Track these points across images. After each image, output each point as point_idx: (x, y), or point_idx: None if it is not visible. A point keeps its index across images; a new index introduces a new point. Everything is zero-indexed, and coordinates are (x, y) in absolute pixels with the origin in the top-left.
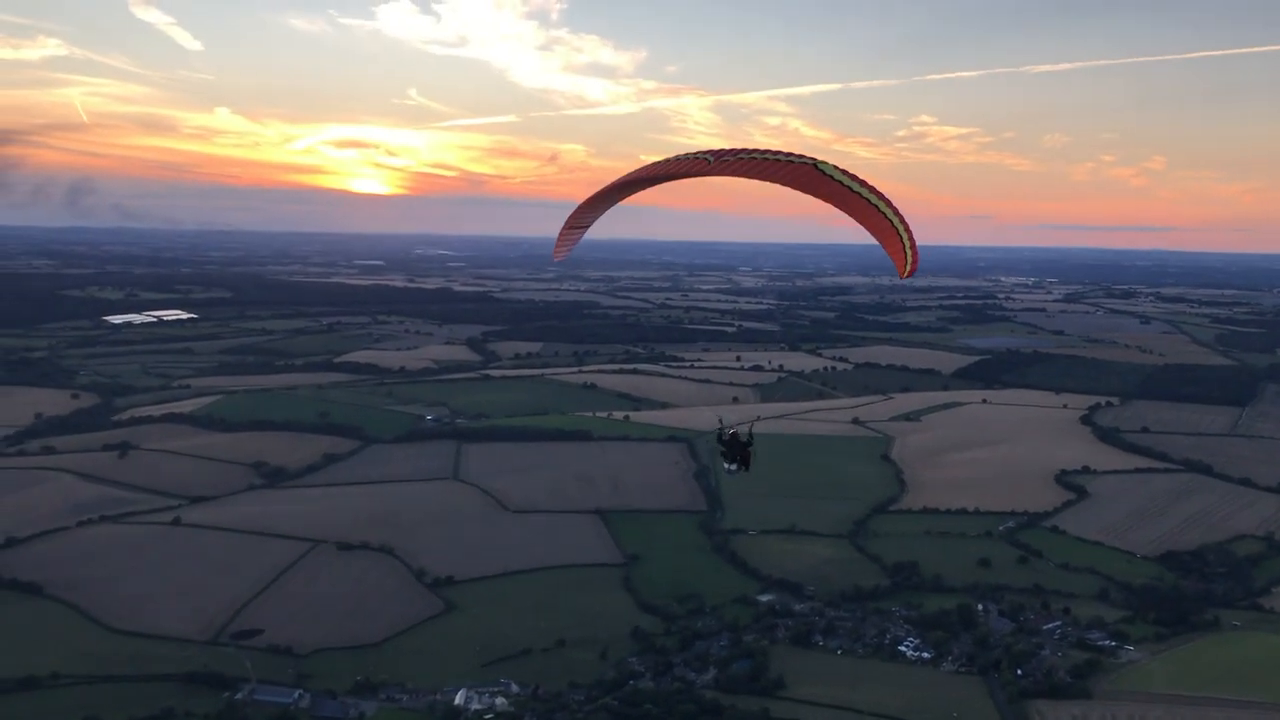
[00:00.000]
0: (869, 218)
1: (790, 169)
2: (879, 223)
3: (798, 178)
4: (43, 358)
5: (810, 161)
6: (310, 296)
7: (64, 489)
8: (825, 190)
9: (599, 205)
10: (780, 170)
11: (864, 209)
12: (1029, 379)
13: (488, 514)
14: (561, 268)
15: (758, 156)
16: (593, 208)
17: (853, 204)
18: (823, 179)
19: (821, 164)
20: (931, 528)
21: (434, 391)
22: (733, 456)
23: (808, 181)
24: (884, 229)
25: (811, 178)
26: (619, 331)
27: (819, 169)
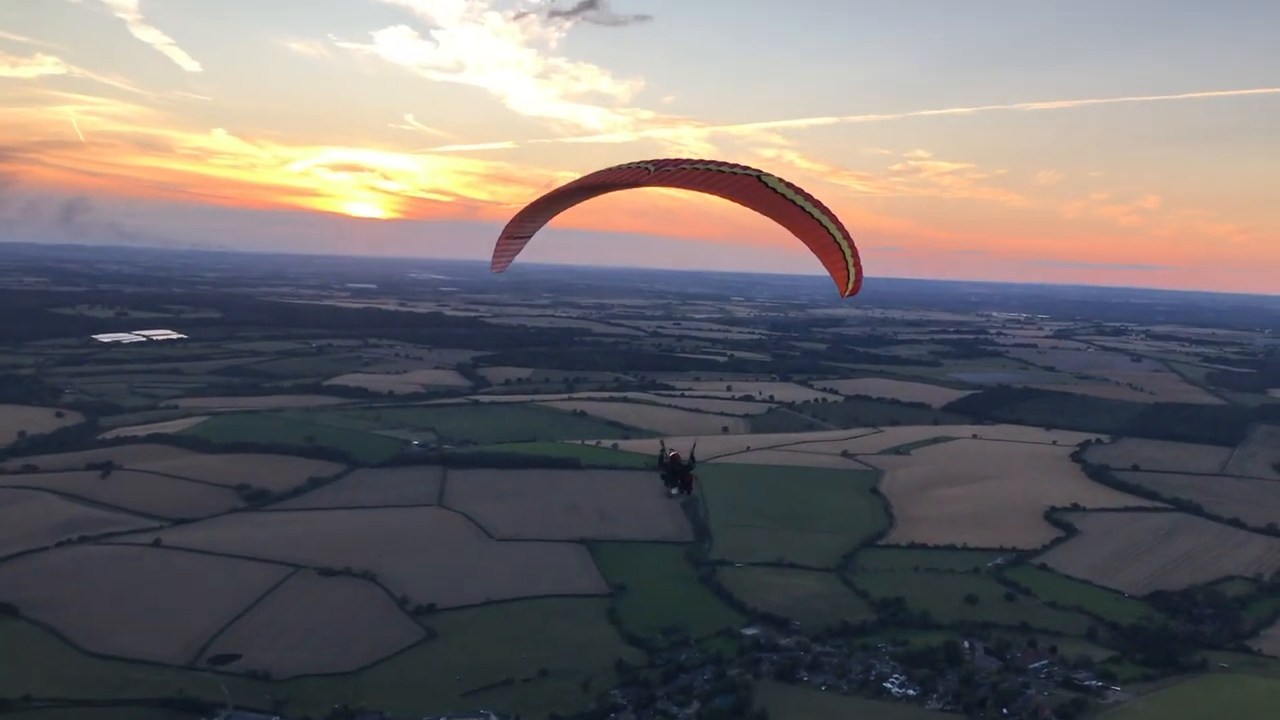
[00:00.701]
0: (812, 233)
1: (733, 180)
2: (821, 238)
3: (740, 190)
4: (29, 375)
5: (754, 173)
6: (301, 318)
7: (44, 508)
8: (768, 204)
9: (538, 215)
10: (722, 182)
11: (807, 224)
12: (1019, 415)
13: (472, 541)
14: (554, 294)
15: (700, 167)
16: (532, 217)
17: (795, 219)
18: (766, 191)
19: (765, 176)
20: (919, 563)
21: (422, 416)
22: (674, 480)
23: (750, 194)
24: (826, 245)
25: (754, 190)
26: (610, 359)
27: (762, 181)
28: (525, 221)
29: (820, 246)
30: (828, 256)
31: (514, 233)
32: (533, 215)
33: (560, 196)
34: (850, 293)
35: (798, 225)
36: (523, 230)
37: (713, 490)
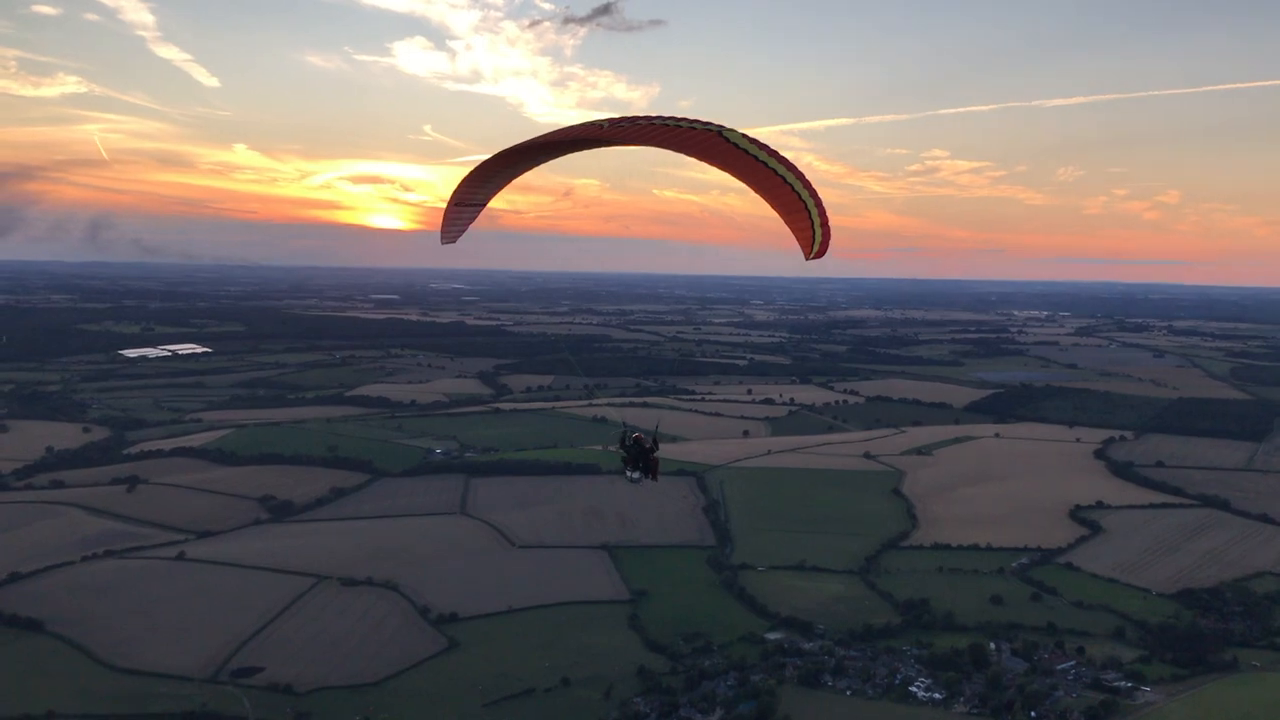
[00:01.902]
0: (775, 190)
1: (693, 135)
2: (785, 196)
3: (702, 146)
4: (56, 391)
5: (715, 128)
6: (324, 330)
7: (71, 523)
8: (731, 160)
9: (490, 180)
10: (682, 137)
11: (770, 180)
12: (1042, 413)
13: (494, 549)
14: (575, 301)
15: (658, 122)
16: (482, 182)
17: (758, 175)
18: (727, 147)
19: (726, 131)
20: (943, 564)
21: (444, 425)
22: (635, 463)
23: (712, 150)
24: (792, 204)
25: (716, 146)
26: (630, 365)
27: (723, 136)
28: (475, 187)
29: (784, 205)
30: (792, 216)
31: (464, 199)
32: (483, 180)
33: (512, 158)
34: (816, 254)
35: (761, 182)
36: (474, 197)
37: (734, 494)
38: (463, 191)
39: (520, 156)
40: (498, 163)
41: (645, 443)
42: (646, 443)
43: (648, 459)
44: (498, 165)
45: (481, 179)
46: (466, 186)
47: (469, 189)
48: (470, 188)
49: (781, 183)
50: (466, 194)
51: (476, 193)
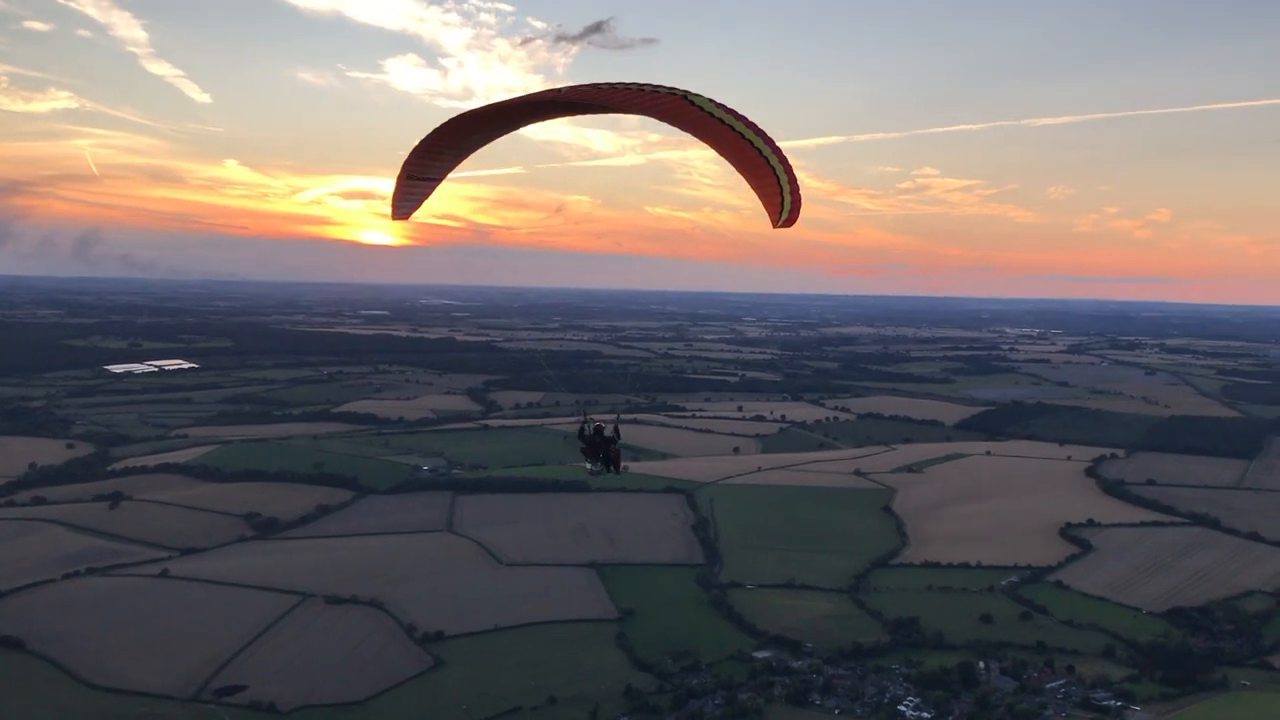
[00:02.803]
0: (741, 154)
1: (656, 99)
2: (752, 160)
3: (667, 110)
4: (40, 407)
5: (680, 93)
6: (312, 346)
7: (52, 540)
8: (699, 125)
9: (444, 150)
10: (645, 101)
11: (736, 144)
12: (1033, 430)
13: (480, 567)
14: (566, 317)
15: (620, 87)
16: (436, 153)
17: (725, 139)
18: (693, 110)
19: (691, 95)
20: (933, 582)
21: (432, 442)
22: (595, 454)
23: (679, 115)
24: (759, 169)
25: (682, 110)
26: (621, 381)
27: (689, 100)
28: (427, 160)
29: (752, 170)
30: (760, 181)
31: (415, 172)
32: (436, 152)
33: (466, 127)
34: (785, 223)
35: (727, 146)
36: (426, 170)
37: (724, 511)
38: (413, 164)
39: (476, 124)
40: (451, 132)
41: (606, 431)
42: (607, 431)
43: (608, 450)
44: (451, 135)
45: (434, 150)
46: (417, 158)
47: (420, 161)
48: (421, 160)
49: (748, 146)
50: (417, 166)
51: (429, 165)
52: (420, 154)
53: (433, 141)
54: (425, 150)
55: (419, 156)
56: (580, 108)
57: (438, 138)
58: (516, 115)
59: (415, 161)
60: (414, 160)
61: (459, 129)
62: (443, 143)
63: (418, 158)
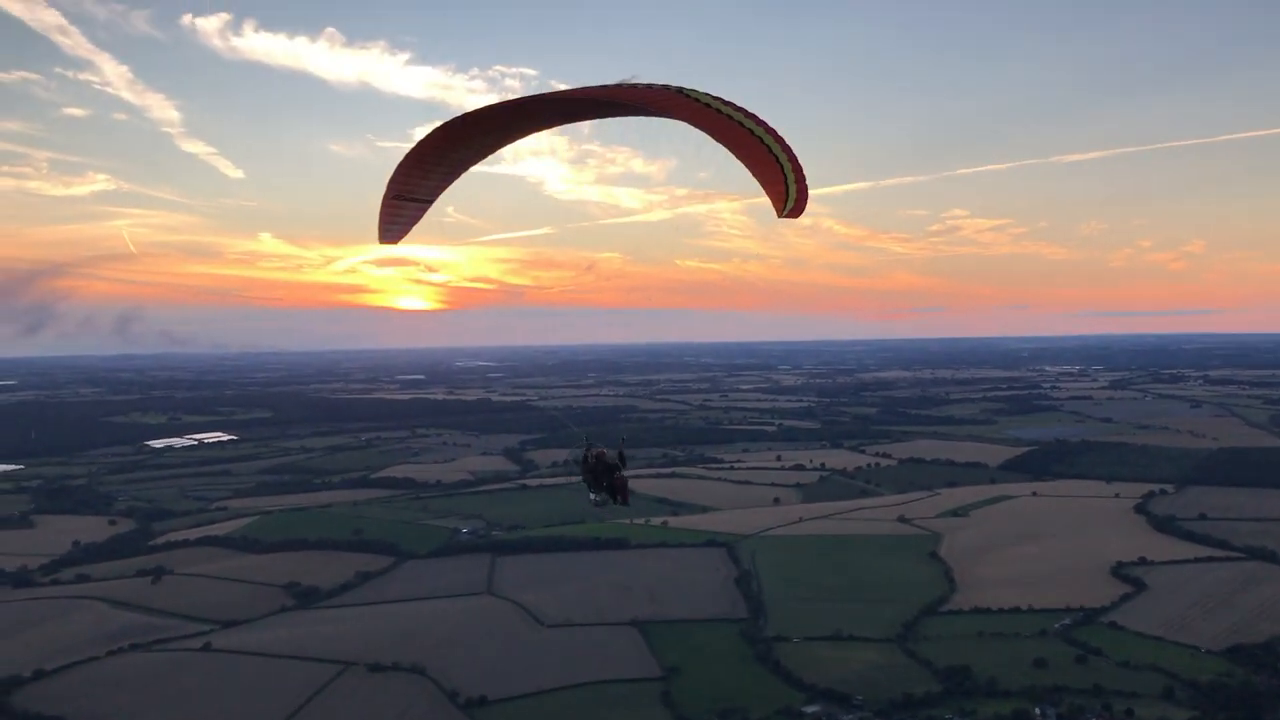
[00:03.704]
0: (743, 144)
1: (650, 94)
2: (754, 150)
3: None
4: (82, 485)
5: (675, 89)
6: (350, 413)
7: (96, 617)
8: (696, 116)
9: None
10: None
11: (737, 134)
12: (1079, 469)
13: (522, 629)
14: (600, 373)
15: (612, 87)
16: (424, 170)
17: (725, 130)
18: (688, 103)
19: (687, 90)
20: (984, 628)
21: (470, 504)
22: (599, 484)
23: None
24: (761, 158)
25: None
26: (657, 435)
27: (683, 94)
28: (415, 177)
29: (754, 160)
30: (763, 171)
31: (404, 191)
32: (424, 168)
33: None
34: (790, 213)
35: (728, 137)
36: (414, 189)
37: (766, 563)
38: (400, 182)
39: (463, 136)
40: (437, 146)
41: (608, 459)
42: (610, 458)
43: (612, 478)
44: (438, 149)
45: (421, 167)
46: (404, 176)
47: (407, 178)
48: (409, 177)
49: (749, 135)
50: (405, 184)
51: (417, 184)
52: (407, 171)
53: (419, 157)
54: (412, 167)
55: (405, 174)
56: (572, 112)
57: (424, 152)
58: (505, 124)
59: (402, 179)
60: (400, 178)
61: (446, 141)
62: (430, 158)
63: (404, 175)
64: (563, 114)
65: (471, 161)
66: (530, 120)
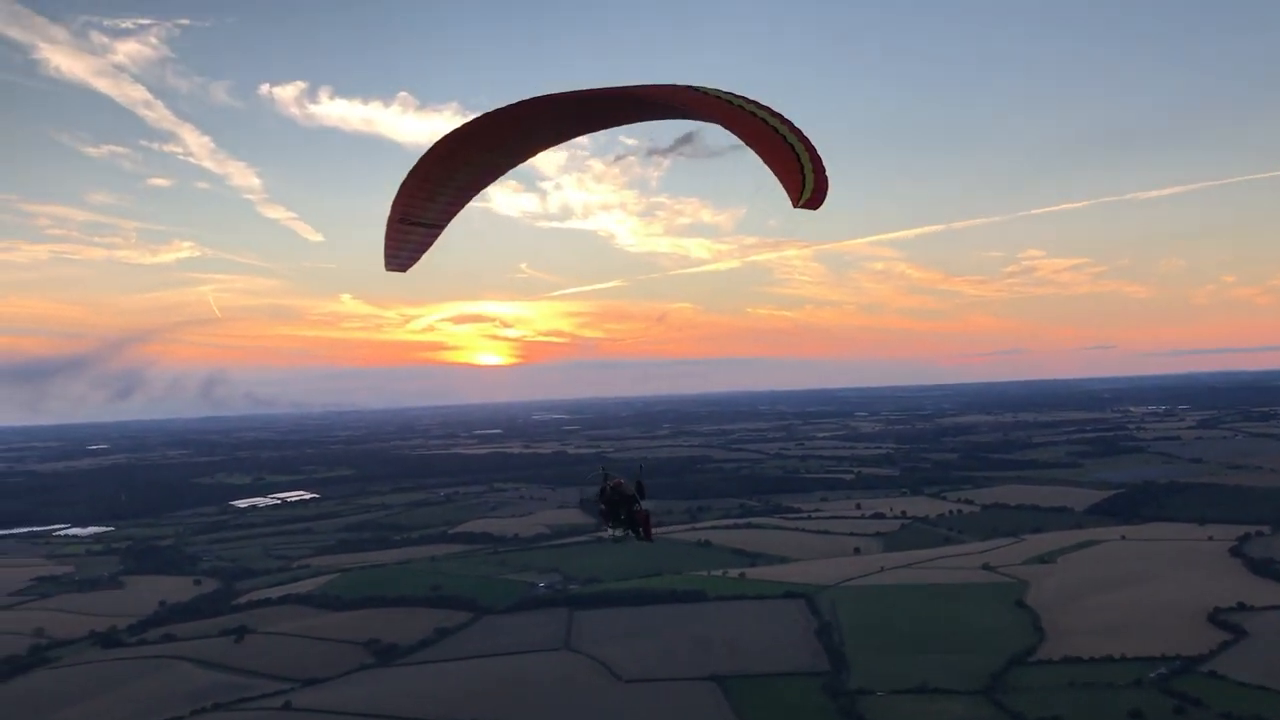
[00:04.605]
0: (755, 132)
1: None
2: (767, 138)
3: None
4: (169, 545)
5: (684, 86)
6: (429, 469)
7: (181, 677)
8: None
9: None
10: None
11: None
12: (1169, 511)
13: (600, 685)
14: (675, 423)
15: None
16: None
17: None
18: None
19: (697, 86)
20: (1075, 678)
21: (547, 557)
22: (617, 517)
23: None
24: (775, 146)
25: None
26: (733, 485)
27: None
28: (420, 198)
29: (769, 149)
30: (777, 159)
31: (410, 215)
32: (428, 189)
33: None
34: (807, 202)
35: (740, 127)
36: (421, 212)
37: (848, 615)
38: (406, 204)
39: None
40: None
41: (626, 490)
42: (627, 489)
43: (631, 512)
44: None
45: (426, 188)
46: (407, 198)
47: (410, 201)
48: (413, 199)
49: (762, 124)
50: (411, 208)
51: (424, 207)
52: (410, 192)
53: (423, 176)
54: (415, 188)
55: (409, 195)
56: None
57: (427, 171)
58: (508, 138)
59: (405, 201)
60: (404, 200)
61: (450, 159)
62: (434, 178)
63: (407, 197)
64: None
65: (481, 182)
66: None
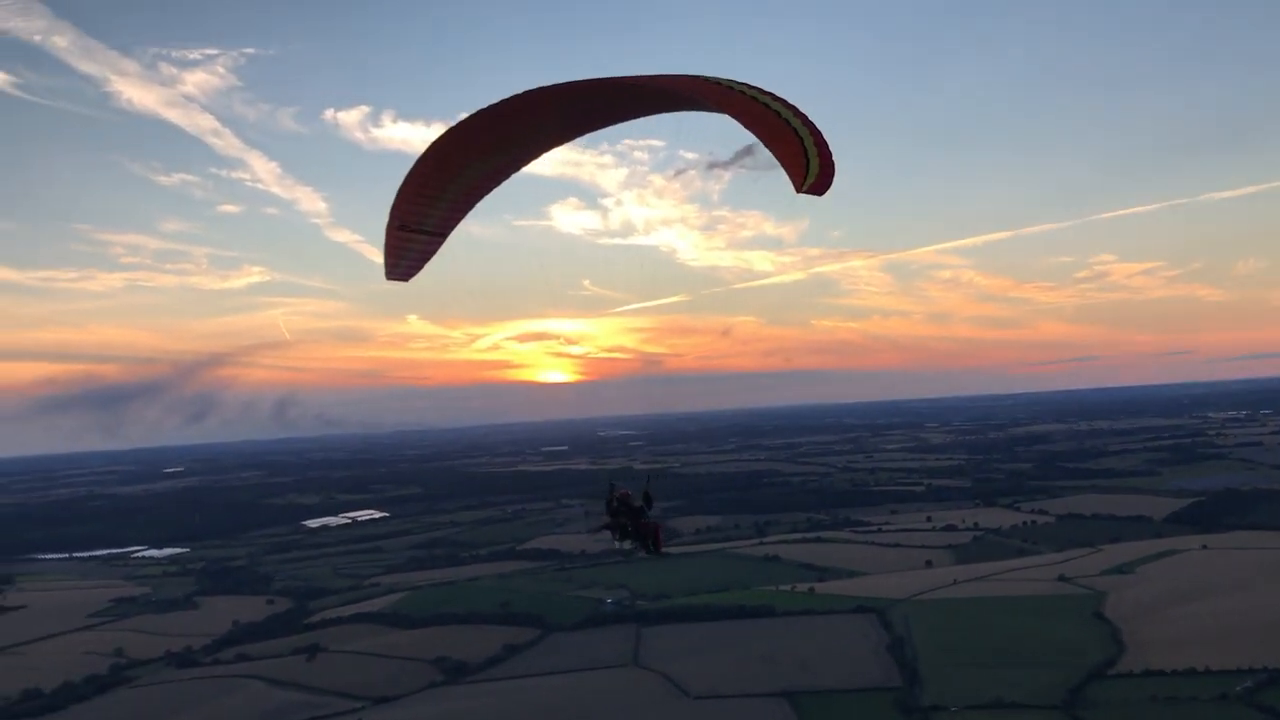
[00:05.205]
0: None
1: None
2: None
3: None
4: (243, 566)
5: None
6: (497, 486)
7: (254, 696)
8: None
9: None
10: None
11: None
12: (1252, 520)
13: (668, 702)
14: (741, 437)
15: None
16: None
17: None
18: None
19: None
20: (1157, 692)
21: (614, 574)
22: (624, 529)
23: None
24: (777, 129)
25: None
26: (801, 499)
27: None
28: (419, 204)
29: (771, 134)
30: (779, 144)
31: (409, 221)
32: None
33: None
34: (812, 187)
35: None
36: (421, 218)
37: (920, 629)
38: (405, 210)
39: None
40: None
41: (633, 501)
42: (635, 501)
43: (639, 520)
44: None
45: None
46: (405, 203)
47: (409, 206)
48: (411, 205)
49: (764, 109)
50: (410, 214)
51: (424, 213)
52: (408, 197)
53: (421, 180)
54: (413, 193)
55: (407, 201)
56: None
57: (425, 175)
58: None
59: (404, 206)
60: (402, 205)
61: (448, 162)
62: (433, 182)
63: (405, 202)
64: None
65: (483, 186)
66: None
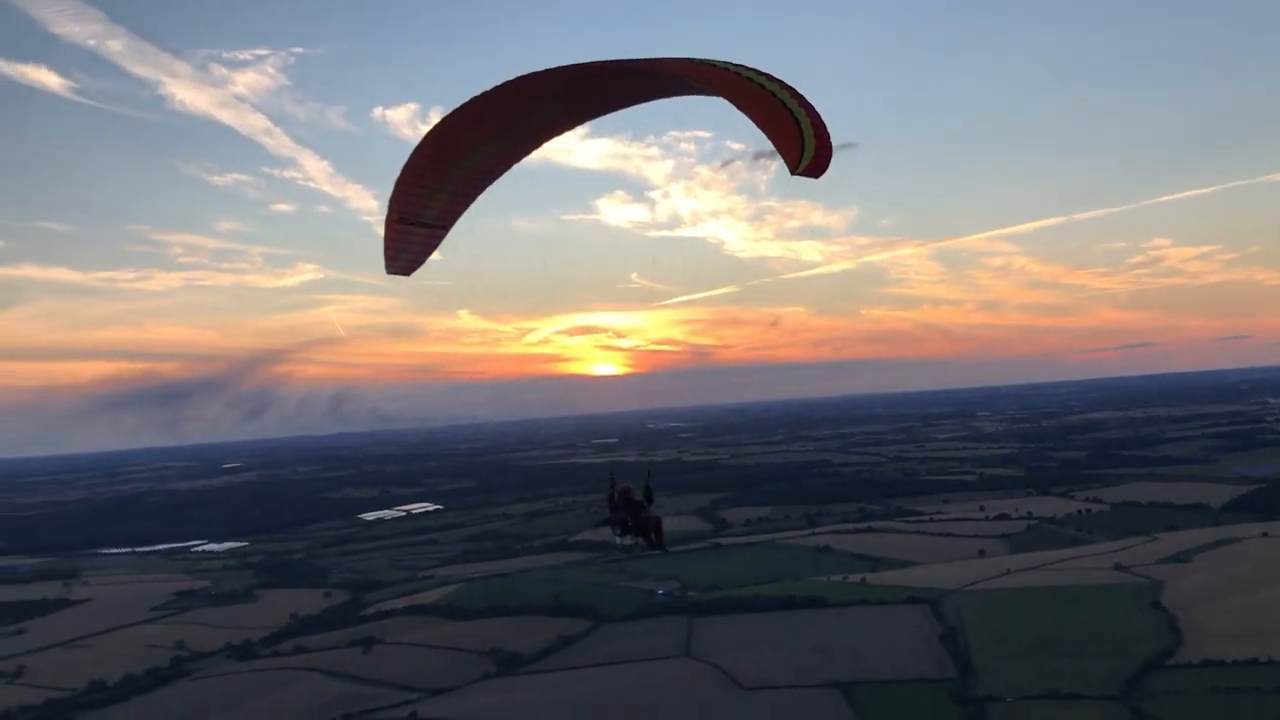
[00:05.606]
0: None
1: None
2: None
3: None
4: (300, 559)
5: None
6: (549, 479)
7: (312, 688)
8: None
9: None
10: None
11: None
12: None
13: (721, 693)
14: (790, 428)
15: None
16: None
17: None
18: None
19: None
20: (1217, 683)
21: (665, 565)
22: (624, 523)
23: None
24: (772, 110)
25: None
26: (852, 489)
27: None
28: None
29: (763, 113)
30: (772, 124)
31: (409, 214)
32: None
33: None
34: (807, 169)
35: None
36: (420, 210)
37: (973, 619)
38: (405, 202)
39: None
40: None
41: (634, 495)
42: (636, 495)
43: (639, 515)
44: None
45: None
46: (404, 195)
47: (409, 198)
48: (410, 196)
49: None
50: (409, 206)
51: (423, 205)
52: (406, 189)
53: (418, 171)
54: (412, 184)
55: (405, 193)
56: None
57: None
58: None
59: (402, 199)
60: (400, 197)
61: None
62: (431, 173)
63: (404, 194)
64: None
65: (484, 177)
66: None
